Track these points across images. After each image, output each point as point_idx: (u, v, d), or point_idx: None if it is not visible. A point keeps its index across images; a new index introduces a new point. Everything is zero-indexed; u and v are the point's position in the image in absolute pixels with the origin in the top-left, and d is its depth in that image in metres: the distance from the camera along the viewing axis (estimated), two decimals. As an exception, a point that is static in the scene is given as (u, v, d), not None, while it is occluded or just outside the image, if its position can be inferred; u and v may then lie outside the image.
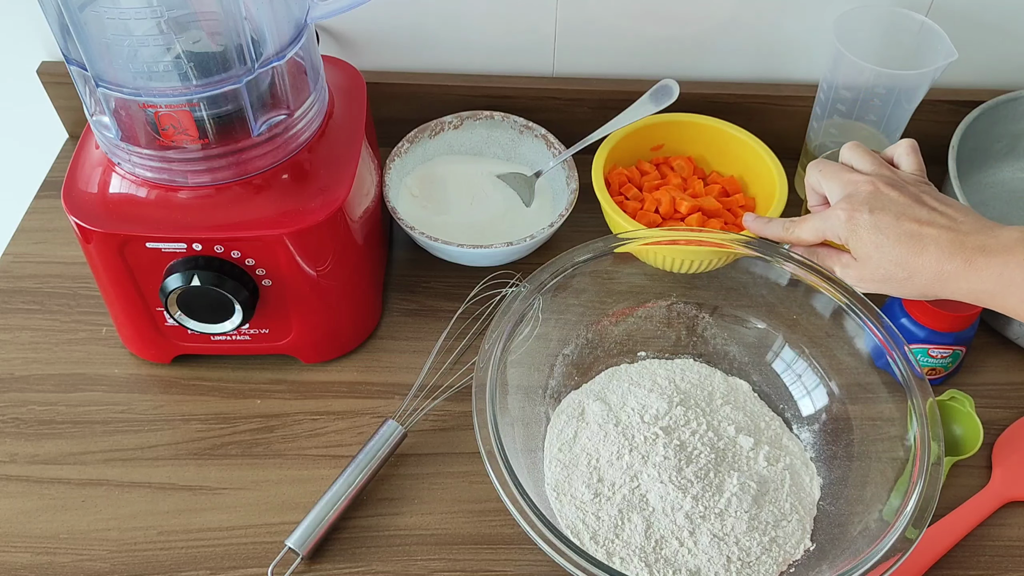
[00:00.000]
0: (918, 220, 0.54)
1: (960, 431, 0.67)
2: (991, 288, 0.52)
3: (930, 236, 0.54)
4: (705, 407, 0.64)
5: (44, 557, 0.59)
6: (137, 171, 0.60)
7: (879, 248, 0.55)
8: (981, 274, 0.52)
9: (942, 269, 0.53)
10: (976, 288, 0.52)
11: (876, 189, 0.56)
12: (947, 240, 0.53)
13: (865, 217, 0.55)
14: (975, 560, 0.62)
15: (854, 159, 0.60)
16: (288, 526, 0.60)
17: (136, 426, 0.66)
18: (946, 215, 0.55)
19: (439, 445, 0.66)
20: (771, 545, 0.58)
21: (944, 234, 0.53)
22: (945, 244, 0.53)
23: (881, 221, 0.55)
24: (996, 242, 0.52)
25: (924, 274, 0.54)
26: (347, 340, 0.71)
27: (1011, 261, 0.51)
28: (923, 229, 0.54)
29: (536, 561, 0.60)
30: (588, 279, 0.65)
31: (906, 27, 0.75)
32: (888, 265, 0.55)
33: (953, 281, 0.53)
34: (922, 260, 0.54)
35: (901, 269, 0.54)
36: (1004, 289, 0.51)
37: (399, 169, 0.78)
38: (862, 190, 0.57)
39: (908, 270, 0.54)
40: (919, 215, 0.55)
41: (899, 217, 0.55)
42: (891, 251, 0.55)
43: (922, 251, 0.54)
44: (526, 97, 0.83)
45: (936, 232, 0.54)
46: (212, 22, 0.55)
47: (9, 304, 0.73)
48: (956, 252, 0.53)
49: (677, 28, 0.80)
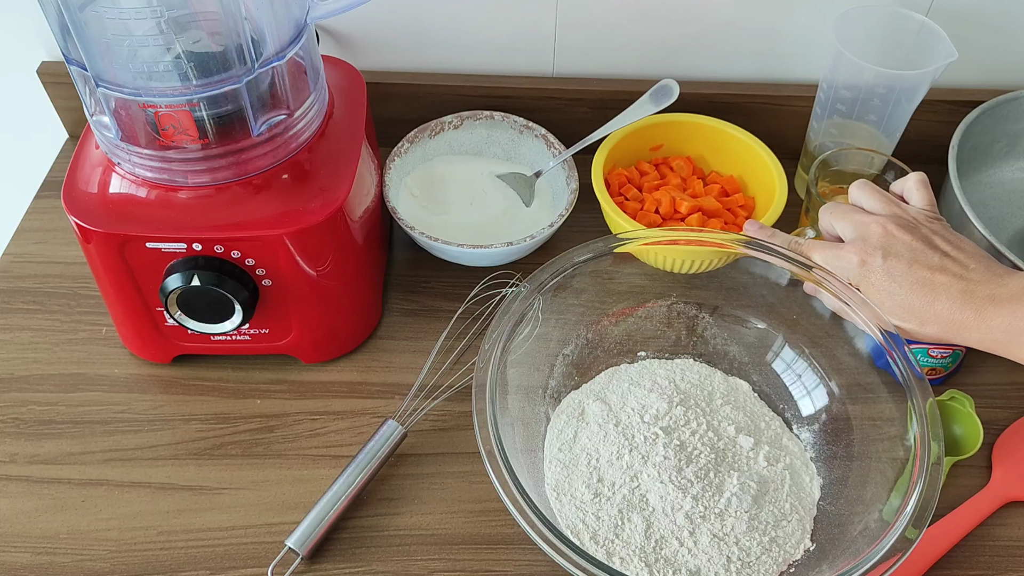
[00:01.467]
0: (930, 267, 0.54)
1: (960, 431, 0.67)
2: (1001, 338, 0.52)
3: (942, 285, 0.53)
4: (705, 407, 0.64)
5: (44, 557, 0.59)
6: (137, 171, 0.60)
7: (892, 296, 0.55)
8: (991, 324, 0.52)
9: (953, 319, 0.53)
10: (987, 338, 0.52)
11: (888, 232, 0.56)
12: (958, 290, 0.53)
13: (878, 263, 0.55)
14: (975, 560, 0.62)
15: (863, 199, 0.60)
16: (288, 526, 0.60)
17: (136, 426, 0.66)
18: (958, 261, 0.54)
19: (439, 445, 0.66)
20: (771, 545, 0.58)
21: (955, 283, 0.53)
22: (956, 294, 0.53)
23: (894, 268, 0.55)
24: (1005, 291, 0.52)
25: (936, 323, 0.54)
26: (347, 340, 0.71)
27: (1019, 311, 0.51)
28: (935, 277, 0.54)
29: (536, 561, 0.60)
30: (588, 279, 0.65)
31: (906, 27, 0.75)
32: (901, 312, 0.55)
33: (965, 331, 0.53)
34: (934, 309, 0.53)
35: (914, 317, 0.54)
36: (1014, 339, 0.51)
37: (399, 169, 0.78)
38: (873, 232, 0.56)
39: (920, 318, 0.54)
40: (931, 261, 0.54)
41: (911, 264, 0.54)
42: (903, 299, 0.54)
43: (934, 300, 0.53)
44: (526, 97, 0.83)
45: (948, 280, 0.53)
46: (212, 22, 0.55)
47: (9, 304, 0.73)
48: (967, 302, 0.52)
49: (677, 28, 0.80)
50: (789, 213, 0.72)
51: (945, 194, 0.75)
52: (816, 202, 0.70)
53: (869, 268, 0.56)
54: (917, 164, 0.73)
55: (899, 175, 0.72)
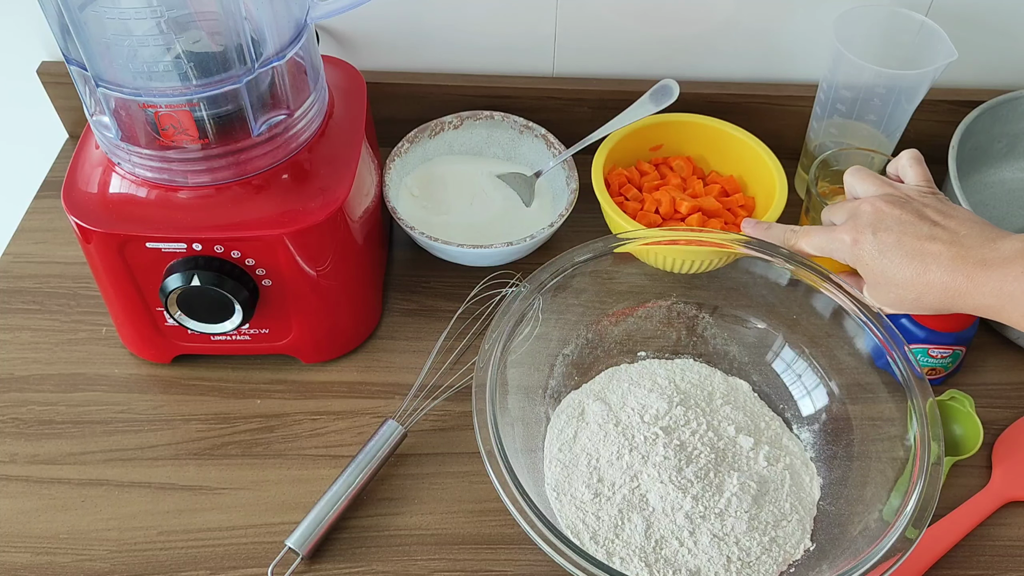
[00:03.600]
0: (919, 237, 0.53)
1: (960, 431, 0.67)
2: (993, 303, 0.51)
3: (932, 253, 0.53)
4: (705, 407, 0.64)
5: (44, 557, 0.59)
6: (137, 171, 0.60)
7: (885, 272, 0.55)
8: (983, 289, 0.51)
9: (947, 287, 0.52)
10: (981, 304, 0.52)
11: (877, 209, 0.56)
12: (949, 256, 0.52)
13: (868, 239, 0.55)
14: (975, 560, 0.62)
15: (856, 184, 0.60)
16: (288, 526, 0.60)
17: (136, 426, 0.66)
18: (948, 229, 0.54)
19: (439, 445, 0.66)
20: (771, 545, 0.58)
21: (947, 250, 0.52)
22: (947, 261, 0.52)
23: (884, 242, 0.54)
24: (995, 255, 0.51)
25: (932, 293, 0.53)
26: (347, 340, 0.71)
27: (1009, 274, 0.50)
28: (926, 246, 0.53)
29: (536, 561, 0.60)
30: (588, 279, 0.65)
31: (906, 27, 0.75)
32: (896, 288, 0.55)
33: (960, 298, 0.52)
34: (927, 279, 0.53)
35: (909, 290, 0.54)
36: (1006, 303, 0.51)
37: (399, 169, 0.78)
38: (864, 211, 0.56)
39: (916, 291, 0.54)
40: (921, 231, 0.54)
41: (901, 236, 0.54)
42: (896, 272, 0.54)
43: (926, 270, 0.53)
44: (526, 97, 0.83)
45: (939, 248, 0.53)
46: (212, 22, 0.55)
47: (9, 304, 0.73)
48: (958, 268, 0.52)
49: (677, 28, 0.80)
50: (789, 213, 0.72)
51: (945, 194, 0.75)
52: (816, 202, 0.70)
53: (861, 246, 0.55)
54: (917, 164, 0.73)
55: (899, 175, 0.72)
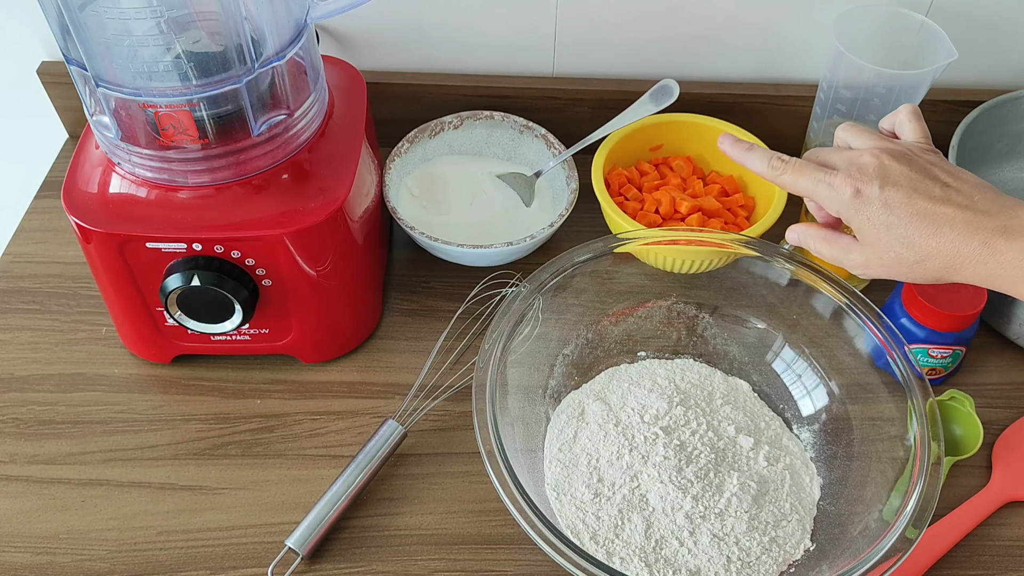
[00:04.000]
0: (932, 198, 0.50)
1: (960, 431, 0.67)
2: (1012, 274, 0.48)
3: (945, 216, 0.49)
4: (705, 407, 0.64)
5: (44, 557, 0.59)
6: (137, 171, 0.60)
7: (889, 229, 0.50)
8: (1000, 258, 0.48)
9: (958, 252, 0.49)
10: (994, 273, 0.48)
11: (881, 162, 0.51)
12: (964, 221, 0.49)
13: (875, 192, 0.50)
14: (975, 560, 0.62)
15: (851, 139, 0.55)
16: (288, 526, 0.60)
17: (136, 426, 0.66)
18: (961, 192, 0.50)
19: (439, 445, 0.66)
20: (771, 545, 0.58)
21: (961, 214, 0.49)
22: (962, 225, 0.49)
23: (892, 198, 0.50)
24: (1018, 223, 0.48)
25: (938, 258, 0.49)
26: (347, 340, 0.71)
27: None
28: (938, 208, 0.49)
29: (536, 561, 0.60)
30: (588, 279, 0.65)
31: (906, 27, 0.75)
32: (898, 247, 0.50)
33: (969, 266, 0.49)
34: (936, 242, 0.49)
35: (912, 252, 0.50)
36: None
37: (399, 169, 0.78)
38: (867, 162, 0.51)
39: (920, 253, 0.50)
40: (933, 192, 0.50)
41: (911, 194, 0.50)
42: (902, 231, 0.50)
43: (937, 232, 0.49)
44: (526, 97, 0.83)
45: (952, 211, 0.49)
46: (212, 22, 0.55)
47: (9, 304, 0.73)
48: (974, 234, 0.48)
49: (677, 28, 0.80)
50: (789, 213, 0.72)
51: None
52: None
53: (865, 199, 0.51)
54: (917, 164, 0.73)
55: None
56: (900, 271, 0.52)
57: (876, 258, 0.52)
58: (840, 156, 0.53)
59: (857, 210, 0.51)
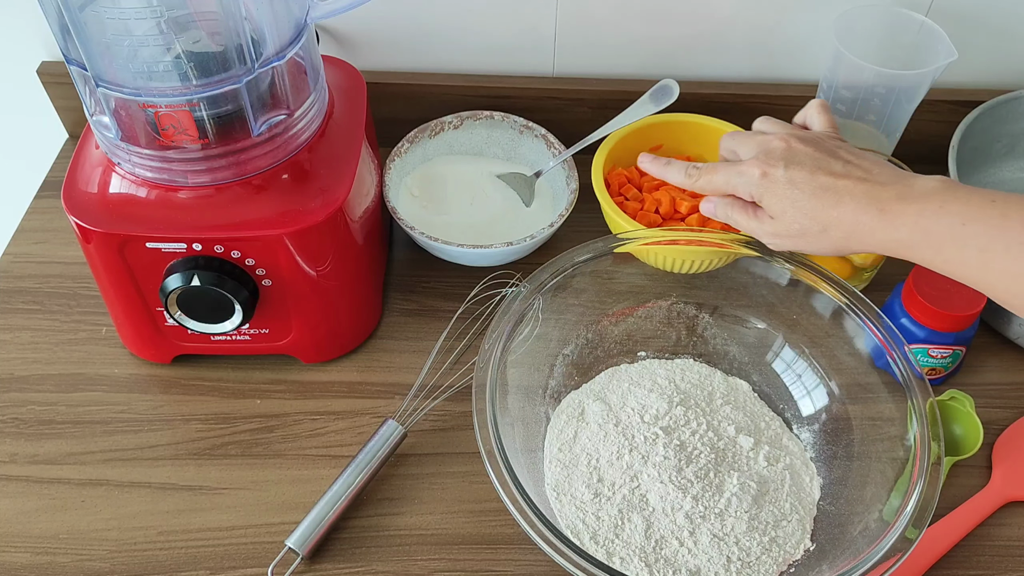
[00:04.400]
0: (833, 173, 0.54)
1: (960, 431, 0.67)
2: (906, 238, 0.51)
3: (845, 188, 0.53)
4: (705, 407, 0.64)
5: (44, 557, 0.59)
6: (137, 171, 0.60)
7: (794, 203, 0.54)
8: (896, 223, 0.51)
9: (858, 220, 0.52)
10: (892, 238, 0.51)
11: (789, 146, 0.56)
12: (862, 191, 0.52)
13: (780, 172, 0.55)
14: (975, 560, 0.62)
15: (765, 127, 0.61)
16: (288, 526, 0.60)
17: (136, 426, 0.66)
18: (861, 167, 0.54)
19: (439, 445, 0.66)
20: (771, 545, 0.58)
21: (859, 185, 0.52)
22: (861, 195, 0.52)
23: (796, 176, 0.54)
24: (912, 191, 0.51)
25: (839, 227, 0.53)
26: (347, 340, 0.71)
27: (927, 210, 0.50)
28: (838, 182, 0.53)
29: (536, 561, 0.60)
30: (588, 279, 0.65)
31: (906, 27, 0.75)
32: (803, 219, 0.54)
33: (869, 233, 0.52)
34: (838, 212, 0.52)
35: (816, 223, 0.54)
36: (920, 239, 0.50)
37: (399, 169, 0.78)
38: (775, 145, 0.56)
39: (823, 223, 0.53)
40: (834, 168, 0.54)
41: (814, 171, 0.54)
42: (806, 204, 0.54)
43: (838, 203, 0.52)
44: (526, 97, 0.83)
45: (851, 184, 0.53)
46: (212, 22, 0.55)
47: (9, 304, 0.73)
48: (871, 203, 0.52)
49: (677, 28, 0.80)
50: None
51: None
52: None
53: (771, 179, 0.55)
54: (917, 164, 0.72)
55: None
56: (806, 242, 0.55)
57: (783, 229, 0.56)
58: (753, 142, 0.58)
59: (766, 189, 0.55)
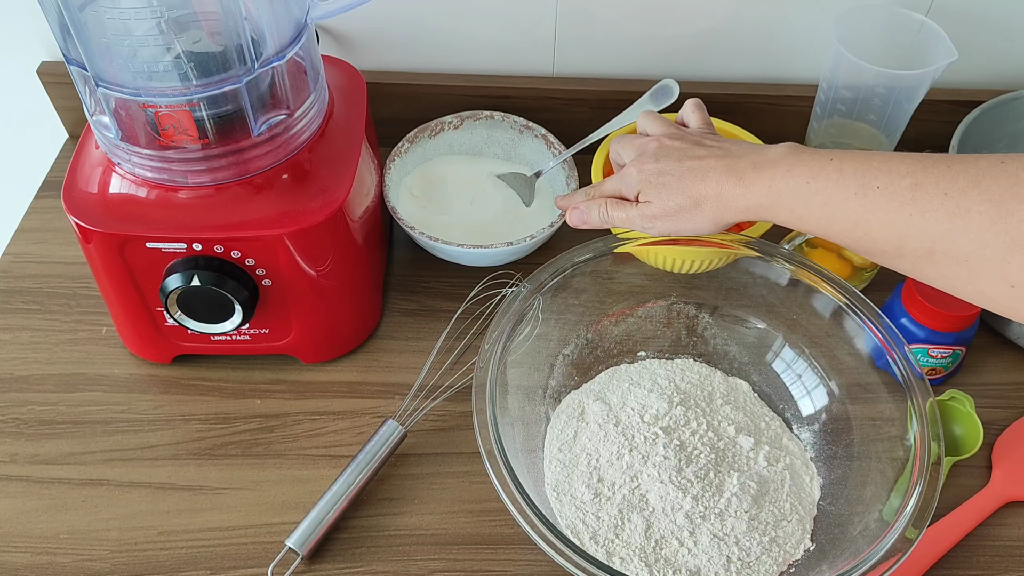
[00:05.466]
0: (698, 157, 0.59)
1: (960, 431, 0.67)
2: (764, 201, 0.55)
3: (709, 166, 0.58)
4: (705, 407, 0.64)
5: (44, 557, 0.59)
6: (137, 171, 0.60)
7: (666, 186, 0.59)
8: (753, 188, 0.55)
9: (721, 191, 0.56)
10: (752, 204, 0.56)
11: (661, 144, 0.61)
12: (723, 166, 0.57)
13: (651, 166, 0.60)
14: (975, 560, 0.62)
15: (647, 127, 0.66)
16: (288, 526, 0.60)
17: (136, 426, 0.66)
18: (722, 148, 0.59)
19: (439, 445, 0.66)
20: (771, 545, 0.58)
21: (720, 161, 0.57)
22: (722, 169, 0.57)
23: (666, 166, 0.59)
24: (764, 158, 0.56)
25: (708, 199, 0.57)
26: (347, 340, 0.71)
27: (777, 173, 0.54)
28: (703, 162, 0.58)
29: (536, 561, 0.60)
30: (588, 279, 0.65)
31: (906, 27, 0.75)
32: (676, 197, 0.58)
33: (733, 200, 0.56)
34: (704, 186, 0.57)
35: (687, 199, 0.58)
36: (775, 200, 0.55)
37: (399, 169, 0.78)
38: (650, 147, 0.62)
39: (693, 198, 0.58)
40: (699, 153, 0.59)
41: (682, 159, 0.59)
42: (677, 184, 0.58)
43: (703, 178, 0.57)
44: (526, 97, 0.83)
45: (714, 161, 0.58)
46: (212, 22, 0.55)
47: (9, 304, 0.73)
48: (731, 173, 0.56)
49: (677, 28, 0.80)
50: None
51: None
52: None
53: (646, 172, 0.60)
54: (917, 164, 0.73)
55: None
56: (683, 220, 0.59)
57: (659, 209, 0.59)
58: (631, 146, 0.64)
59: (644, 183, 0.60)
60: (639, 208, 0.61)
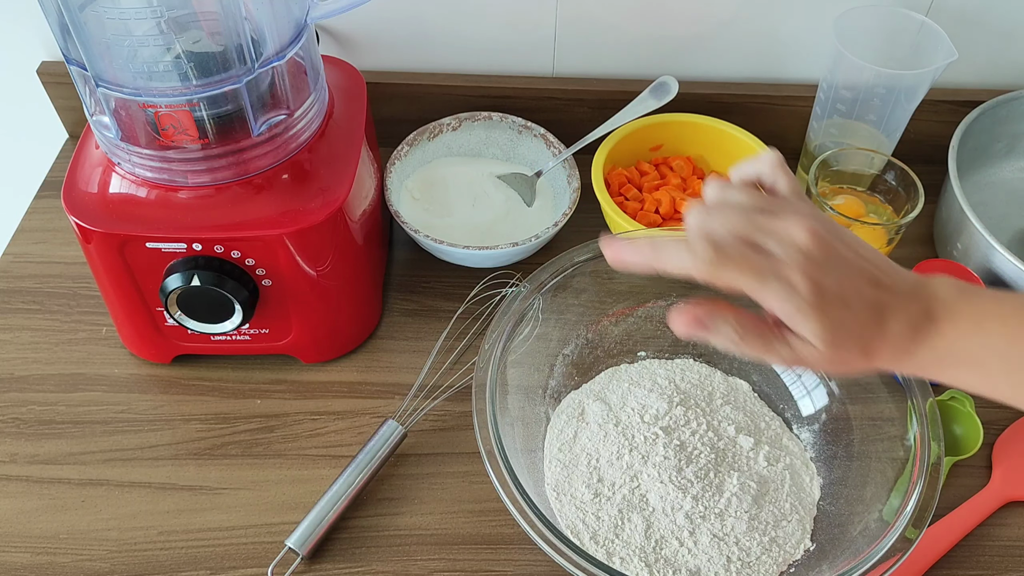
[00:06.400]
0: (875, 282, 0.42)
1: (960, 431, 0.67)
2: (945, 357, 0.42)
3: (886, 303, 0.41)
4: (705, 407, 0.64)
5: (44, 557, 0.59)
6: (137, 171, 0.60)
7: (843, 325, 0.41)
8: (933, 343, 0.42)
9: (897, 346, 0.42)
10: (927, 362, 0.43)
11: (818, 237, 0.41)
12: (897, 306, 0.42)
13: (824, 279, 0.40)
14: (975, 560, 0.62)
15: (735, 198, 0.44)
16: (288, 526, 0.60)
17: (136, 426, 0.66)
18: (879, 268, 0.43)
19: (439, 445, 0.66)
20: (771, 545, 0.58)
21: (893, 299, 0.42)
22: (900, 312, 0.42)
23: (847, 287, 0.41)
24: (935, 304, 0.42)
25: (882, 352, 0.42)
26: (347, 340, 0.71)
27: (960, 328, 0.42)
28: (881, 295, 0.42)
29: (536, 561, 0.60)
30: (588, 279, 0.65)
31: (906, 27, 0.75)
32: (851, 344, 0.41)
33: (905, 357, 0.42)
34: (882, 334, 0.41)
35: (861, 351, 0.42)
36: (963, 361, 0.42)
37: (399, 172, 0.78)
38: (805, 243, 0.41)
39: (866, 348, 0.41)
40: (872, 274, 0.42)
41: (857, 280, 0.41)
42: (853, 320, 0.41)
43: (882, 323, 0.41)
44: (526, 97, 0.83)
45: (888, 297, 0.42)
46: (212, 22, 0.55)
47: (9, 304, 0.73)
48: (907, 321, 0.42)
49: (677, 28, 0.80)
50: (789, 213, 0.72)
51: (945, 194, 0.75)
52: (817, 202, 0.69)
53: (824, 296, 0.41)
54: (917, 164, 0.73)
55: (899, 175, 0.72)
56: (846, 371, 0.43)
57: (824, 363, 0.42)
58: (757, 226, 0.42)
59: (819, 310, 0.40)
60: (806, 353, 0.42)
